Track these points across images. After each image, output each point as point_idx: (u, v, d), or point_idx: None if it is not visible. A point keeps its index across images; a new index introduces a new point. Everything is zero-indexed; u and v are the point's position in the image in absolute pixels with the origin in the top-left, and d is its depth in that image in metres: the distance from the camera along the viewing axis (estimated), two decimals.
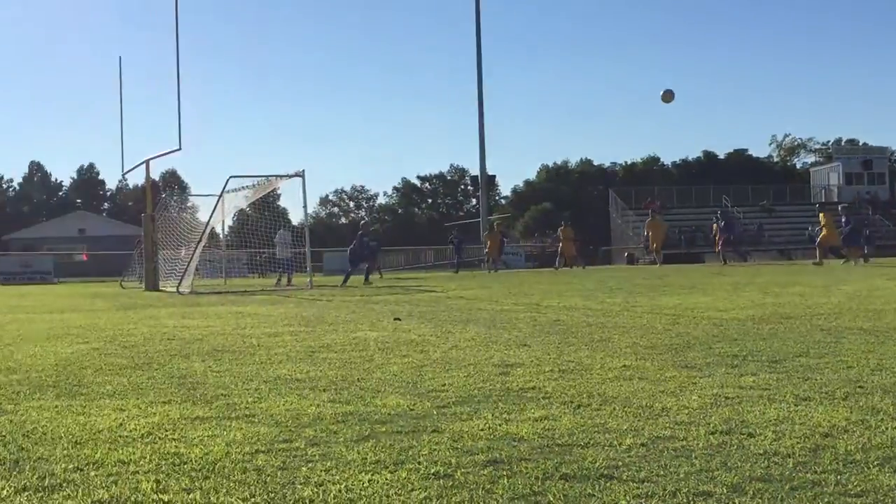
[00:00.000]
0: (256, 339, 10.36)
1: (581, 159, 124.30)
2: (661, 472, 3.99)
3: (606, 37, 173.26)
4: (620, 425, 5.00)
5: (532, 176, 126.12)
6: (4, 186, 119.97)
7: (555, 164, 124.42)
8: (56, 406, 6.10)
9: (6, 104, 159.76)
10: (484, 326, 11.20)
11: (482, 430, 4.97)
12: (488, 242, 42.89)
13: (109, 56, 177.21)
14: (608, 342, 9.07)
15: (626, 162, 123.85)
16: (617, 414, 5.34)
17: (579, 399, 5.86)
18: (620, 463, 4.17)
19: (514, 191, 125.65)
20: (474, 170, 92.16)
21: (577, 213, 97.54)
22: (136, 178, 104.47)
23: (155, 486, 3.96)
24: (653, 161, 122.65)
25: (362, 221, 56.61)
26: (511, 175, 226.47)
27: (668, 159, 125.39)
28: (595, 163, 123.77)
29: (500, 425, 5.07)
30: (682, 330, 10.06)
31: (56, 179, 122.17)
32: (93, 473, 4.21)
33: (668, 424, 4.99)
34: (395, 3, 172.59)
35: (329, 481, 3.97)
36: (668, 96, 29.93)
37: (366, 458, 4.35)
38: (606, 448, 4.46)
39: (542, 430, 4.90)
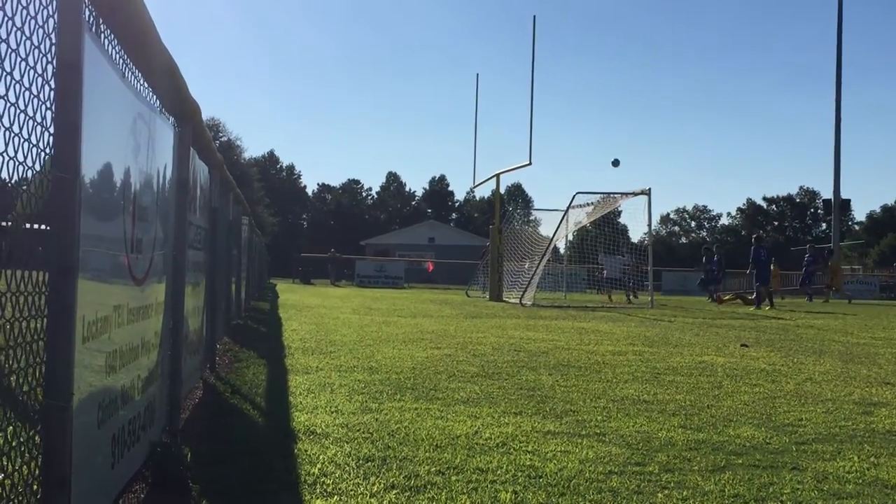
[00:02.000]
0: (601, 356, 10.38)
1: None
2: None
3: None
4: None
5: (891, 201, 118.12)
6: (364, 195, 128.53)
7: None
8: (416, 408, 6.41)
9: (370, 118, 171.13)
10: (840, 360, 10.58)
11: (849, 472, 4.68)
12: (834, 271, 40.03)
13: (467, 72, 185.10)
14: None
15: None
16: None
17: None
18: None
19: (870, 216, 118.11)
20: (826, 192, 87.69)
21: None
22: (483, 191, 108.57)
23: (513, 497, 4.06)
24: None
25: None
26: (867, 199, 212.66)
27: None
28: None
29: (868, 469, 4.76)
30: None
31: (410, 189, 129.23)
32: (454, 478, 4.38)
33: None
34: (754, 13, 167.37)
35: None
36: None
37: (724, 491, 4.23)
38: None
39: None
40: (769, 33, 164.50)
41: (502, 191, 39.99)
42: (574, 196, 28.08)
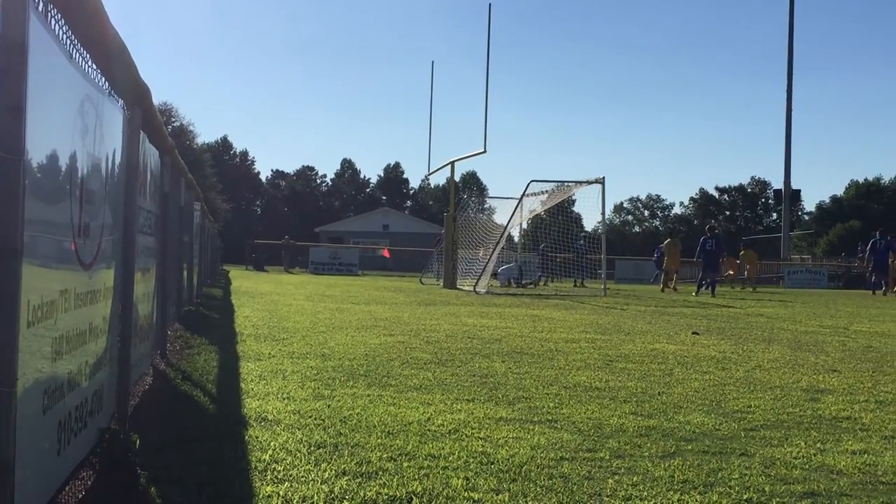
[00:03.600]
0: (554, 343, 10.43)
1: None
2: None
3: None
4: None
5: (840, 192, 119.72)
6: (318, 181, 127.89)
7: (866, 180, 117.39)
8: (368, 395, 6.40)
9: (325, 104, 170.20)
10: (788, 348, 10.72)
11: (795, 458, 4.74)
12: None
13: (422, 59, 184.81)
14: None
15: None
16: None
17: None
18: None
19: (820, 207, 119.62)
20: (777, 182, 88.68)
21: (890, 234, 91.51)
22: (438, 179, 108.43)
23: (464, 483, 4.06)
24: None
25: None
26: (817, 190, 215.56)
27: None
28: None
29: (814, 455, 4.82)
30: None
31: (364, 176, 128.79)
32: (405, 464, 4.37)
33: None
34: (696, 7, 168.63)
35: (637, 496, 3.91)
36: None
37: (673, 476, 4.26)
38: None
39: (863, 465, 4.60)
40: (722, 24, 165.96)
41: (457, 178, 40.04)
42: (528, 184, 28.15)
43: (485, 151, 27.86)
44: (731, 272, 39.46)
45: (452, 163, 31.74)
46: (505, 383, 7.17)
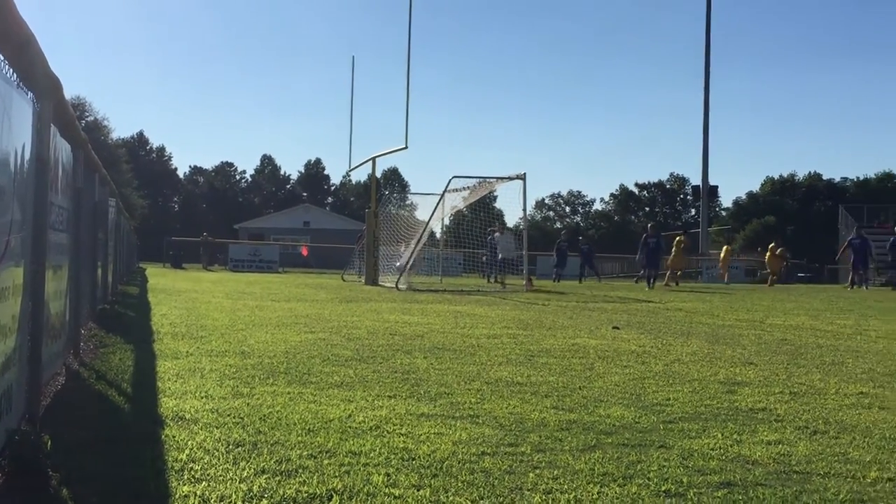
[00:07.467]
0: (476, 339, 10.45)
1: (809, 173, 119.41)
2: None
3: (841, 43, 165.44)
4: (863, 456, 4.71)
5: (756, 188, 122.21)
6: (238, 178, 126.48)
7: (780, 176, 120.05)
8: (288, 392, 6.33)
9: (244, 99, 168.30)
10: (706, 341, 10.89)
11: (712, 449, 4.80)
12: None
13: (343, 54, 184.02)
14: (841, 366, 8.62)
15: (857, 178, 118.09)
16: (858, 444, 5.04)
17: (815, 425, 5.58)
18: (866, 497, 3.92)
19: (736, 203, 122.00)
20: (695, 179, 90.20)
21: (803, 229, 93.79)
22: (359, 175, 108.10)
23: (385, 479, 4.03)
24: (888, 178, 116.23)
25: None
26: (734, 186, 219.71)
27: None
28: (824, 177, 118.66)
29: (731, 446, 4.89)
30: None
31: (285, 173, 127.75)
32: (326, 462, 4.32)
33: None
34: (616, 5, 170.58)
35: (557, 489, 3.92)
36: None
37: (593, 469, 4.28)
38: (849, 480, 4.21)
39: (777, 455, 4.68)
40: (642, 22, 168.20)
41: (378, 175, 39.93)
42: (450, 180, 28.17)
43: (406, 147, 27.77)
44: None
45: (374, 159, 31.61)
46: (427, 379, 7.15)
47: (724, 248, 45.73)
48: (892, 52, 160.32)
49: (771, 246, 40.25)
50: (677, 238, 35.25)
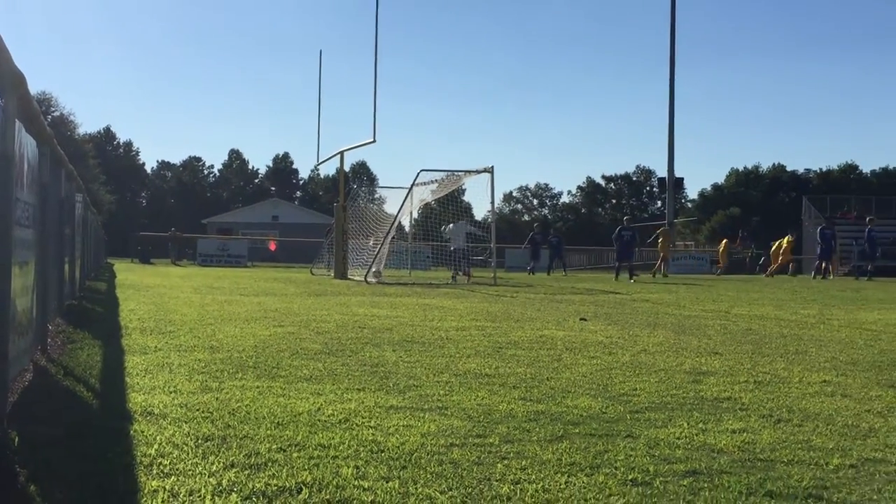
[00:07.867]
0: (444, 331, 10.48)
1: (773, 164, 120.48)
2: (875, 497, 3.80)
3: (804, 36, 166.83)
4: (825, 444, 4.79)
5: (721, 180, 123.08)
6: (206, 172, 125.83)
7: (745, 168, 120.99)
8: (257, 386, 6.33)
9: (211, 94, 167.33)
10: (672, 332, 10.99)
11: (678, 438, 4.86)
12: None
13: (311, 47, 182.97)
14: (805, 355, 8.74)
15: (820, 169, 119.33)
16: (821, 431, 5.12)
17: (779, 413, 5.66)
18: (829, 483, 3.99)
19: (702, 194, 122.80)
20: (661, 171, 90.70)
21: (767, 220, 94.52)
22: (328, 169, 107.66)
23: (355, 472, 4.05)
24: (850, 169, 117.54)
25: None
26: (699, 178, 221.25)
27: (867, 167, 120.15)
28: (788, 168, 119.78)
29: (696, 435, 4.96)
30: (886, 347, 9.59)
31: (253, 167, 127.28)
32: (295, 455, 4.34)
33: (877, 446, 4.75)
34: (581, 2, 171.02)
35: (525, 480, 3.96)
36: None
37: (561, 459, 4.33)
38: (812, 467, 4.29)
39: (742, 444, 4.75)
40: (609, 16, 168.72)
41: (347, 168, 39.84)
42: (418, 173, 28.18)
43: (374, 141, 27.77)
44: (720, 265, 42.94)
45: (342, 152, 31.57)
46: (395, 372, 7.18)
47: (723, 241, 48.59)
48: (854, 44, 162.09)
49: (789, 239, 41.82)
50: (660, 230, 35.79)
